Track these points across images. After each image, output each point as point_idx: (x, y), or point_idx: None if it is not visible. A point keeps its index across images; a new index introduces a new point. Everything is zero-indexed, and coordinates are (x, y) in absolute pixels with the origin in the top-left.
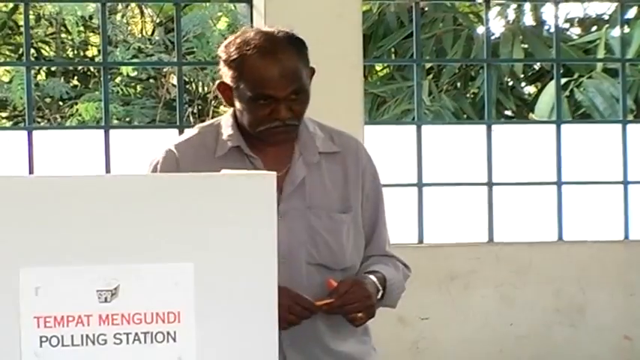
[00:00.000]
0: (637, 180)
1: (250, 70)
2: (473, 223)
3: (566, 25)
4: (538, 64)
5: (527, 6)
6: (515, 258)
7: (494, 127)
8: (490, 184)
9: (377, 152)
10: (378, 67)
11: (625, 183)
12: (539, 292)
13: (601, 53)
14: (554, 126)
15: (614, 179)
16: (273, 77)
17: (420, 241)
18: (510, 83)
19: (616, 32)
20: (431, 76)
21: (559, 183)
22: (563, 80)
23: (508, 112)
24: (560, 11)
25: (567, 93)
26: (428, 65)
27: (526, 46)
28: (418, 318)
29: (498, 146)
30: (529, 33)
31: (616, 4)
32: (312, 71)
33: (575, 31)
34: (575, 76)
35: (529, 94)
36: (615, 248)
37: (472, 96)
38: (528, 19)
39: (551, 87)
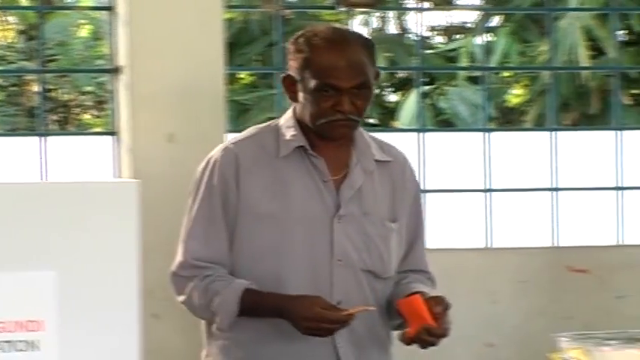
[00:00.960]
0: (499, 188)
1: (317, 58)
2: None
3: (430, 34)
4: (402, 72)
5: (391, 14)
6: None
7: None
8: None
9: None
10: (242, 75)
11: (488, 190)
12: None
13: (464, 61)
14: (416, 134)
15: (477, 187)
16: (339, 67)
17: None
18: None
19: (479, 40)
20: None
21: (422, 191)
22: (427, 88)
23: (372, 120)
24: (424, 20)
25: (431, 101)
26: None
27: (390, 54)
28: None
29: None
30: (393, 41)
31: (479, 12)
32: (378, 74)
33: (439, 39)
34: (439, 83)
35: (393, 102)
36: (478, 255)
37: None
38: (392, 28)
39: (415, 95)
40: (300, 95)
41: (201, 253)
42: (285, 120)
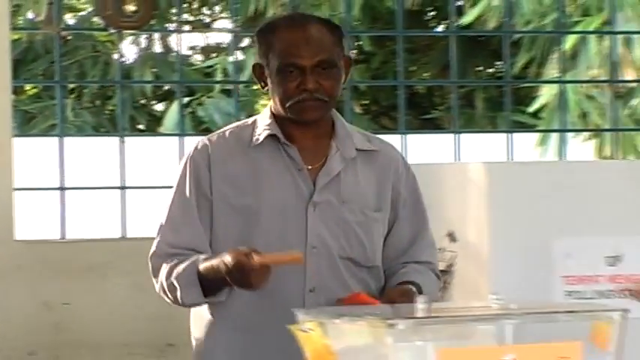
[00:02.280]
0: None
1: (279, 39)
2: (109, 220)
3: (190, 52)
4: (166, 85)
5: (156, 36)
6: (145, 251)
7: (126, 138)
8: (123, 188)
9: (27, 160)
10: (27, 87)
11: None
12: None
13: (219, 76)
14: (177, 138)
15: None
16: (300, 44)
17: (63, 236)
18: (142, 101)
19: (232, 59)
20: (74, 95)
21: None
22: (187, 99)
23: (141, 126)
24: (185, 40)
25: (191, 110)
26: (71, 86)
27: (155, 69)
28: (60, 303)
29: (131, 155)
30: (158, 59)
31: (231, 34)
32: (349, 60)
33: (198, 57)
34: (198, 95)
35: (159, 111)
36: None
37: (109, 112)
38: (157, 47)
39: (176, 105)
40: (269, 81)
41: (173, 241)
42: (262, 114)
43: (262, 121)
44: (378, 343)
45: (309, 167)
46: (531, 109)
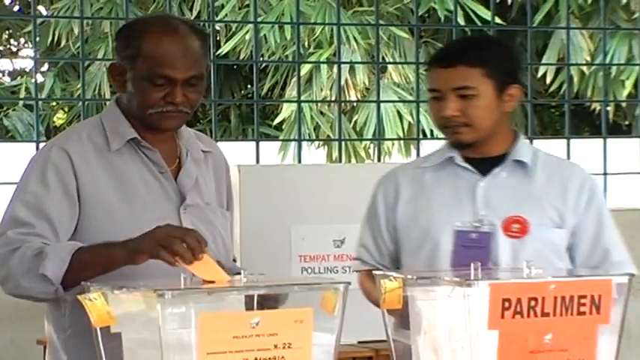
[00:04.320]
0: None
1: (150, 46)
2: None
3: (0, 75)
4: None
5: None
6: None
7: None
8: None
9: None
10: None
11: None
12: None
13: (23, 94)
14: None
15: None
16: (175, 57)
17: None
18: None
19: (33, 80)
20: None
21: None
22: None
23: None
24: None
25: None
26: None
27: None
28: None
29: None
30: None
31: (33, 61)
32: (208, 65)
33: (6, 79)
34: (5, 109)
35: None
36: None
37: None
38: None
39: None
40: (129, 85)
41: (29, 218)
42: (108, 113)
43: (113, 123)
44: (150, 309)
45: (169, 169)
46: (275, 122)
